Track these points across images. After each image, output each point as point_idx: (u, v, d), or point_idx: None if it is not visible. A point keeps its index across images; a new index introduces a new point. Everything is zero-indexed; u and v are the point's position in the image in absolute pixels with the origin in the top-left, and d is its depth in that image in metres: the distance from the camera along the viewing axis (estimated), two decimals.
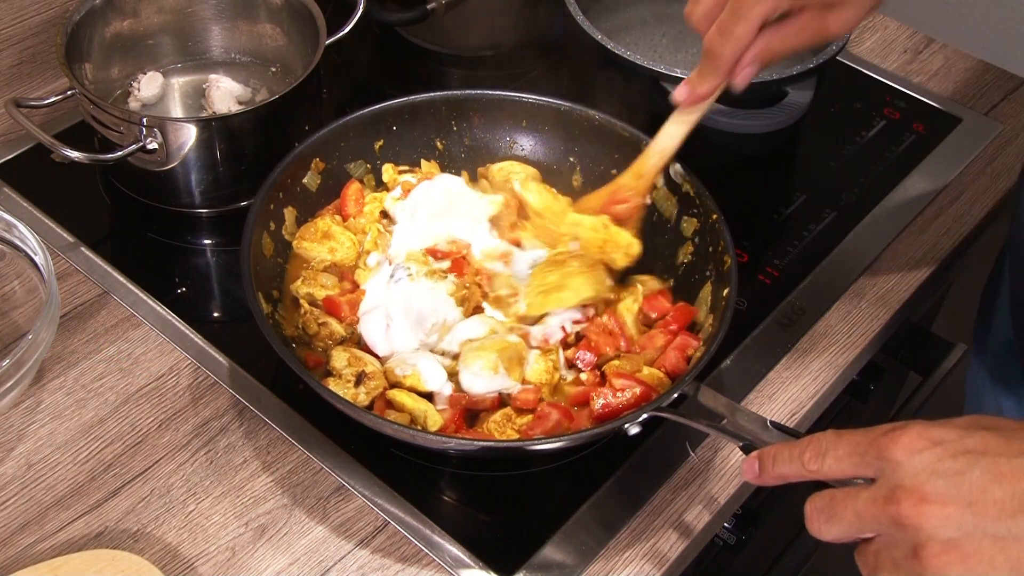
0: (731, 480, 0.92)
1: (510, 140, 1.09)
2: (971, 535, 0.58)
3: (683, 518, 0.89)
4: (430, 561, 0.85)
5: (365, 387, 0.88)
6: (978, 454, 0.59)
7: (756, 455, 0.70)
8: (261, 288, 0.91)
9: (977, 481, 0.58)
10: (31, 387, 0.94)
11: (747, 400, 0.98)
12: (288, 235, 0.98)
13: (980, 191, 1.19)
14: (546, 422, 0.87)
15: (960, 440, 0.60)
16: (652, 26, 1.33)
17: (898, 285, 1.09)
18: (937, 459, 0.60)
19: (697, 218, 0.99)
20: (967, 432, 0.61)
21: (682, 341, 0.92)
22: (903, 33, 1.40)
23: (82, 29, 1.09)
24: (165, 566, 0.83)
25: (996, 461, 0.59)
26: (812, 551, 1.36)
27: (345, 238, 0.99)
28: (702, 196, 0.98)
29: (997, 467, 0.59)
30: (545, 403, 0.89)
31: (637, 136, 1.03)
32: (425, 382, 0.89)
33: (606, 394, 0.88)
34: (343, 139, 1.02)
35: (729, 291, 0.91)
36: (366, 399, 0.88)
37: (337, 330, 0.93)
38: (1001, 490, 0.58)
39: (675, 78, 1.14)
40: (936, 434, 0.61)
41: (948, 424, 0.62)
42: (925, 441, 0.60)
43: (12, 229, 0.95)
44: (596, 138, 1.06)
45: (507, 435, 0.87)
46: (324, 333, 0.92)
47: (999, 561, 0.58)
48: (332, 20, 1.12)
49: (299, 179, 1.00)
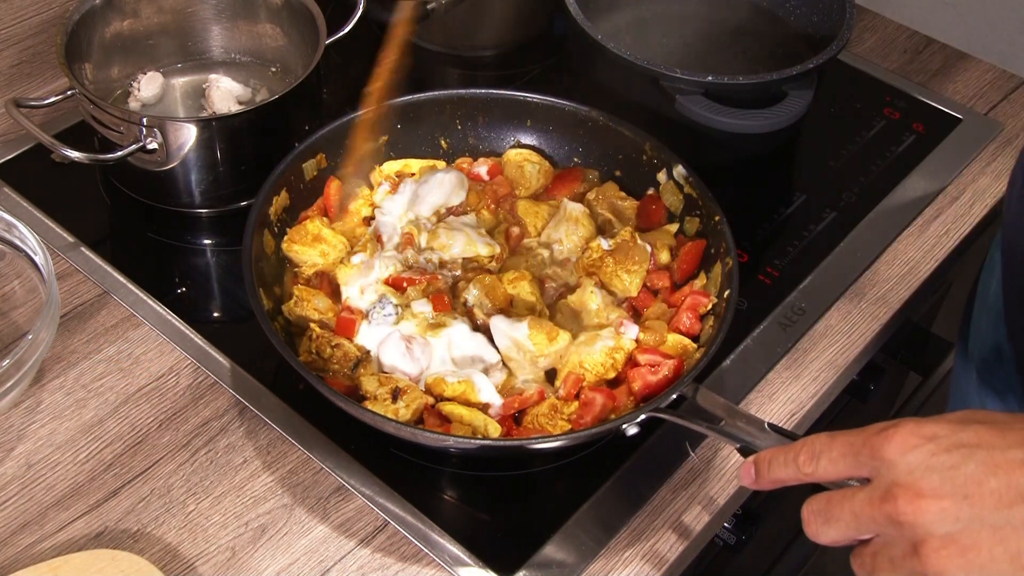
0: (731, 480, 0.92)
1: (514, 140, 1.09)
2: (969, 527, 0.58)
3: (683, 518, 0.89)
4: (430, 561, 0.85)
5: (403, 401, 0.87)
6: (972, 447, 0.59)
7: (752, 460, 0.70)
8: (263, 284, 0.91)
9: (972, 474, 0.59)
10: (31, 387, 0.94)
11: (747, 400, 0.98)
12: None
13: (980, 191, 1.19)
14: (593, 408, 0.88)
15: (953, 434, 0.60)
16: (652, 26, 1.33)
17: (898, 285, 1.09)
18: (931, 454, 0.60)
19: (700, 218, 0.99)
20: (960, 426, 0.61)
21: (693, 301, 0.94)
22: (903, 33, 1.40)
23: (82, 29, 1.09)
24: (165, 566, 0.83)
25: (990, 453, 0.59)
26: (812, 551, 1.36)
27: (337, 241, 0.98)
28: (704, 197, 0.98)
29: (991, 459, 0.59)
30: (587, 388, 0.89)
31: (640, 136, 1.03)
32: (479, 392, 0.88)
33: (643, 374, 0.89)
34: (347, 136, 1.03)
35: (730, 293, 0.91)
36: (407, 413, 0.86)
37: (351, 351, 0.91)
38: (996, 481, 0.58)
39: (675, 78, 1.14)
40: (929, 430, 0.61)
41: (940, 419, 0.62)
42: (918, 438, 0.60)
43: (12, 229, 0.95)
44: (600, 138, 1.06)
45: (558, 427, 0.88)
46: (339, 355, 0.90)
47: (998, 552, 0.58)
48: (332, 20, 1.12)
49: (302, 174, 1.00)
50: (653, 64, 1.14)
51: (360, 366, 0.91)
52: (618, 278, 0.97)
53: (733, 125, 1.14)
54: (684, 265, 0.99)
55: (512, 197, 1.05)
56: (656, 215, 1.03)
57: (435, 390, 0.89)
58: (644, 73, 1.15)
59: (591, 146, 1.07)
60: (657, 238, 1.00)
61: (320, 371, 0.90)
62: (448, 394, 0.88)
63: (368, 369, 0.91)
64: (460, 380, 0.88)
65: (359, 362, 0.91)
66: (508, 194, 1.05)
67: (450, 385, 0.88)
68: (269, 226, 0.96)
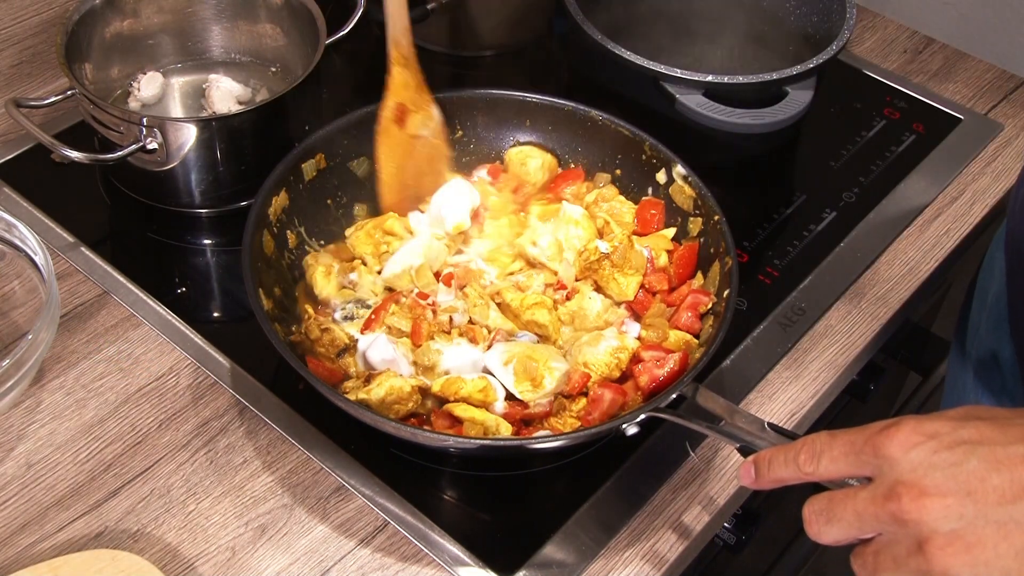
0: (731, 480, 0.92)
1: (513, 139, 1.09)
2: (973, 524, 0.58)
3: (683, 518, 0.89)
4: (430, 561, 0.85)
5: (376, 382, 0.87)
6: (974, 443, 0.59)
7: (752, 460, 0.70)
8: (262, 285, 0.91)
9: (975, 470, 0.58)
10: (31, 387, 0.94)
11: (747, 400, 0.98)
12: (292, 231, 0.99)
13: (980, 191, 1.19)
14: (601, 404, 0.88)
15: (954, 431, 0.60)
16: (652, 26, 1.33)
17: (898, 285, 1.09)
18: (933, 452, 0.60)
19: (701, 218, 0.99)
20: (961, 423, 0.61)
21: (693, 299, 0.95)
22: (903, 33, 1.40)
23: (82, 29, 1.09)
24: (165, 566, 0.83)
25: (992, 449, 0.59)
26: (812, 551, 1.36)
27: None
28: (704, 197, 0.98)
29: (993, 455, 0.59)
30: (596, 384, 0.90)
31: (639, 136, 1.03)
32: (494, 375, 0.89)
33: (649, 368, 0.89)
34: (346, 136, 1.03)
35: (729, 292, 0.91)
36: (380, 392, 0.87)
37: (340, 337, 0.92)
38: (999, 477, 0.58)
39: (675, 78, 1.14)
40: (930, 427, 0.61)
41: (941, 416, 0.62)
42: (919, 435, 0.60)
43: (12, 229, 0.95)
44: (598, 138, 1.06)
45: (567, 424, 0.88)
46: (326, 340, 0.91)
47: (1003, 548, 0.58)
48: (332, 20, 1.12)
49: (301, 174, 1.00)
50: (653, 64, 1.15)
51: (348, 354, 0.92)
52: (615, 282, 0.97)
53: (733, 125, 1.14)
54: (680, 269, 0.99)
55: (522, 190, 1.06)
56: (654, 220, 1.03)
57: (449, 390, 0.89)
58: (644, 73, 1.15)
59: (590, 146, 1.07)
60: (654, 242, 1.01)
61: (307, 352, 0.91)
62: (464, 394, 0.88)
63: (354, 360, 0.92)
64: (479, 377, 0.89)
65: (346, 350, 0.92)
66: (519, 187, 1.06)
67: (468, 382, 0.88)
68: (268, 226, 0.96)
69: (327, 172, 1.02)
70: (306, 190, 1.01)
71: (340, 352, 0.92)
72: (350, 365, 0.92)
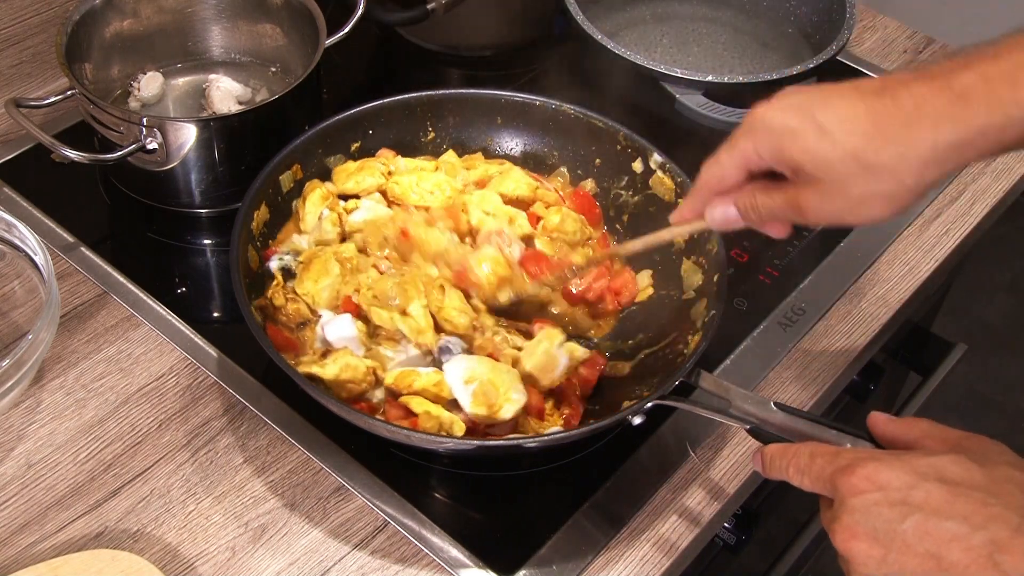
0: (731, 480, 0.92)
1: (487, 138, 1.09)
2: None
3: (683, 518, 0.89)
4: (430, 561, 0.85)
5: (331, 359, 0.88)
6: (914, 508, 0.64)
7: (760, 452, 0.76)
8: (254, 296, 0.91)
9: (904, 533, 0.64)
10: (31, 387, 0.94)
11: None
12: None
13: (980, 191, 1.19)
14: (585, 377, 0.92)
15: (906, 489, 0.65)
16: (652, 26, 1.33)
17: (898, 285, 1.09)
18: (874, 503, 0.66)
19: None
20: (918, 482, 0.65)
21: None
22: (903, 33, 1.40)
23: (82, 29, 1.09)
24: (165, 566, 0.83)
25: (927, 519, 0.64)
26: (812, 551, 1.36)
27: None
28: (685, 184, 0.98)
29: (926, 525, 0.64)
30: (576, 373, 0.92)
31: (612, 126, 1.03)
32: (452, 389, 0.88)
33: (575, 282, 0.95)
34: (320, 146, 1.03)
35: (720, 276, 0.91)
36: (335, 368, 0.87)
37: (303, 311, 0.93)
38: (923, 547, 0.64)
39: (675, 78, 1.14)
40: (884, 478, 0.66)
41: (906, 465, 0.66)
42: (870, 484, 0.66)
43: (12, 229, 0.95)
44: (572, 131, 1.06)
45: (555, 422, 0.89)
46: (291, 309, 0.93)
47: None
48: (332, 20, 1.12)
49: (279, 186, 1.00)
50: (653, 64, 1.15)
51: (308, 328, 0.93)
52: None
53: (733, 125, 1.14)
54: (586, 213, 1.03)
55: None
56: (593, 209, 1.05)
57: (403, 382, 0.88)
58: (644, 73, 1.15)
59: (564, 140, 1.07)
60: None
61: (268, 320, 0.93)
62: (418, 387, 0.88)
63: (312, 333, 0.93)
64: (435, 371, 0.88)
65: (307, 323, 0.93)
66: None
67: (423, 376, 0.88)
68: (252, 241, 0.95)
69: (304, 183, 1.02)
70: (284, 202, 1.00)
71: (300, 324, 0.93)
72: (308, 340, 0.93)
